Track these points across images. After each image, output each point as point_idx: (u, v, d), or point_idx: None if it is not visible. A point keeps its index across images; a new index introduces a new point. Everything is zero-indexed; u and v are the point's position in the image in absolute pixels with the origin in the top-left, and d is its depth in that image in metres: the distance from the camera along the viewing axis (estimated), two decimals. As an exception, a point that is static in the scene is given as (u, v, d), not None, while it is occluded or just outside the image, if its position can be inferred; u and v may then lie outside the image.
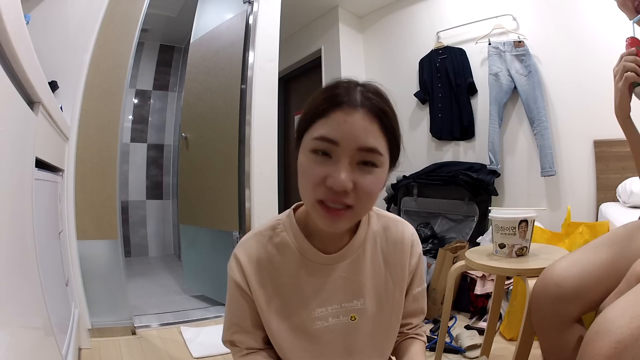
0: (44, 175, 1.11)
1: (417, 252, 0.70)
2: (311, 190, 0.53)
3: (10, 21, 0.58)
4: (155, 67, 3.90)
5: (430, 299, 1.93)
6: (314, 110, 0.54)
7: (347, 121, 0.51)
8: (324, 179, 0.51)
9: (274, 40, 2.24)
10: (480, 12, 2.58)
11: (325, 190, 0.52)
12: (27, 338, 0.70)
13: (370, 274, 0.65)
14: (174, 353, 1.62)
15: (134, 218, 3.74)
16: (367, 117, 0.52)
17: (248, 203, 2.10)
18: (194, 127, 2.47)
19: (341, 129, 0.51)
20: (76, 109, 1.71)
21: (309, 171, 0.53)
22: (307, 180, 0.53)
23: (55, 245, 1.32)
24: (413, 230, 0.71)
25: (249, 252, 0.63)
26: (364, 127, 0.51)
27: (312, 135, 0.53)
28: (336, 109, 0.52)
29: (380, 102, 0.53)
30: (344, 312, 0.64)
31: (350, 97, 0.52)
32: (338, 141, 0.51)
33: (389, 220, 0.70)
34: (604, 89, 2.12)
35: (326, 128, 0.52)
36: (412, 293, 0.71)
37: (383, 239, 0.68)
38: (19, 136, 0.70)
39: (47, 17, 1.61)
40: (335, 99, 0.52)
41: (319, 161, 0.52)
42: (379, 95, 0.54)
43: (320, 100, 0.53)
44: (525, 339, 1.05)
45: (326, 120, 0.52)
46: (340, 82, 0.55)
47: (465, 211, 2.46)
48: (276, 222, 0.66)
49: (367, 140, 0.51)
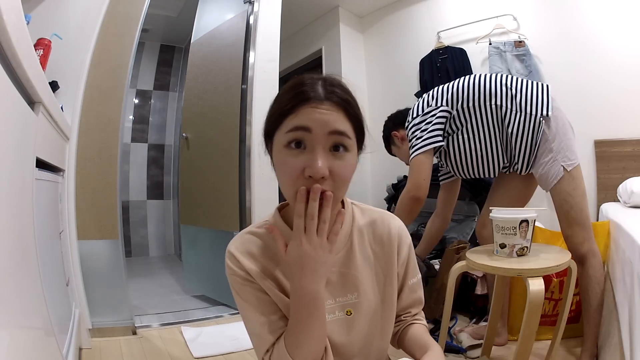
0: (45, 175, 1.11)
1: (407, 243, 0.71)
2: (291, 184, 0.55)
3: (10, 21, 0.58)
4: (156, 67, 3.90)
5: (432, 299, 1.93)
6: (282, 109, 0.57)
7: (315, 111, 0.55)
8: (302, 171, 0.54)
9: (275, 40, 2.24)
10: (480, 12, 2.58)
11: (304, 181, 0.55)
12: (28, 338, 0.70)
13: (361, 267, 0.67)
14: (174, 353, 1.62)
15: (135, 218, 3.74)
16: (333, 107, 0.56)
17: (249, 203, 2.10)
18: (195, 127, 2.47)
19: (311, 117, 0.55)
20: (77, 109, 1.71)
21: (286, 166, 0.56)
22: (286, 175, 0.56)
23: (56, 245, 1.32)
24: (400, 222, 0.72)
25: (240, 248, 0.64)
26: (331, 114, 0.55)
27: (284, 130, 0.56)
28: (304, 104, 0.55)
29: (343, 94, 0.58)
30: (340, 307, 0.65)
31: (316, 92, 0.56)
32: (310, 127, 0.54)
33: (373, 213, 0.71)
34: (604, 89, 2.14)
35: (297, 120, 0.55)
36: (407, 284, 0.72)
37: (370, 232, 0.69)
38: (20, 136, 0.70)
39: (48, 17, 1.61)
40: (302, 96, 0.56)
41: (294, 154, 0.55)
42: (341, 87, 0.59)
43: (287, 99, 0.57)
44: (526, 339, 1.05)
45: (296, 115, 0.55)
46: (304, 79, 0.58)
47: (466, 211, 2.46)
48: (263, 221, 0.68)
49: (336, 124, 0.55)
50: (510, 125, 1.35)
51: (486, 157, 1.43)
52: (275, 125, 0.58)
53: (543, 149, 1.33)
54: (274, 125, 0.59)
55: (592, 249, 1.31)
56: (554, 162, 1.31)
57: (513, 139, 1.36)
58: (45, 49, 1.49)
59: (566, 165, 1.30)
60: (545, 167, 1.33)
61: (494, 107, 1.37)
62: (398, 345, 0.73)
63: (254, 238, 0.66)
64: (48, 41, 1.51)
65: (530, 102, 1.33)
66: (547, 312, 1.60)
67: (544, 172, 1.34)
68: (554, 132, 1.31)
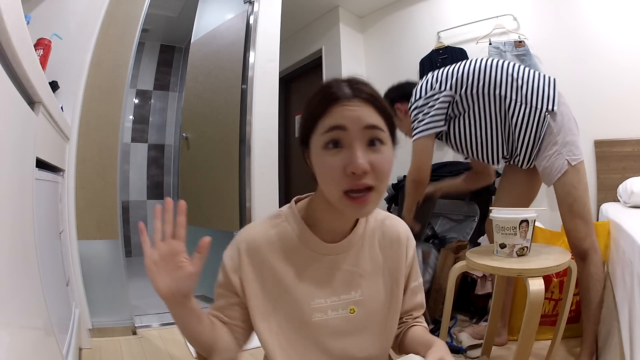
0: (45, 175, 1.11)
1: (413, 246, 0.73)
2: (335, 184, 0.56)
3: (10, 21, 0.58)
4: (156, 67, 3.90)
5: (432, 299, 1.93)
6: (313, 113, 0.58)
7: (347, 108, 0.56)
8: (343, 169, 0.55)
9: (275, 40, 2.24)
10: (480, 12, 2.58)
11: (347, 179, 0.55)
12: (28, 338, 0.70)
13: (369, 267, 0.67)
14: (174, 353, 1.62)
15: (135, 218, 3.73)
16: (362, 103, 0.57)
17: (249, 203, 2.10)
18: (195, 127, 2.47)
19: (344, 114, 0.55)
20: (77, 109, 1.71)
21: (327, 166, 0.56)
22: (328, 176, 0.56)
23: (56, 245, 1.32)
24: (405, 225, 0.74)
25: (247, 238, 0.65)
26: (362, 110, 0.56)
27: (320, 132, 0.57)
28: (334, 104, 0.56)
29: (369, 89, 0.59)
30: (343, 305, 0.65)
31: (343, 91, 0.57)
32: (345, 125, 0.55)
33: (383, 215, 0.73)
34: (604, 89, 2.14)
35: (330, 120, 0.56)
36: (410, 287, 0.73)
37: (380, 234, 0.70)
38: (20, 136, 0.70)
39: (48, 17, 1.61)
40: (330, 97, 0.57)
41: (332, 153, 0.56)
42: (366, 84, 0.59)
43: (316, 103, 0.58)
44: (526, 339, 1.05)
45: (329, 115, 0.56)
46: (329, 82, 0.59)
47: (466, 211, 2.46)
48: (278, 212, 0.68)
49: (369, 119, 0.56)
50: (514, 116, 1.33)
51: (486, 144, 1.42)
52: (310, 130, 0.59)
53: (547, 141, 1.31)
54: (308, 131, 0.59)
55: (593, 245, 1.31)
56: (559, 156, 1.30)
57: (517, 130, 1.34)
58: (45, 49, 1.50)
59: (570, 160, 1.29)
60: (550, 160, 1.32)
61: (497, 97, 1.35)
62: (399, 349, 0.73)
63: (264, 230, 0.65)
64: (48, 41, 1.51)
65: (537, 94, 1.31)
66: (547, 312, 1.60)
67: (548, 165, 1.32)
68: (560, 126, 1.30)
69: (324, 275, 0.64)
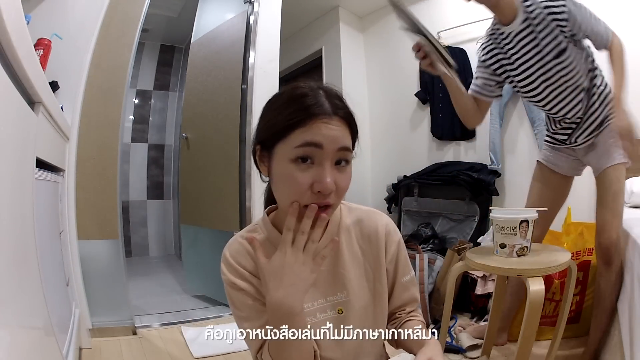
0: (45, 175, 1.11)
1: (395, 240, 0.71)
2: (297, 197, 0.56)
3: (10, 21, 0.58)
4: (156, 67, 3.90)
5: (434, 300, 1.93)
6: (287, 121, 0.57)
7: (327, 127, 0.56)
8: (310, 185, 0.56)
9: (275, 40, 2.24)
10: (481, 12, 2.56)
11: (312, 196, 0.56)
12: (28, 338, 0.70)
13: (349, 266, 0.67)
14: (174, 353, 1.62)
15: (135, 218, 3.73)
16: (340, 122, 0.58)
17: (249, 203, 2.10)
18: (195, 127, 2.47)
19: (323, 133, 0.56)
20: (77, 109, 1.71)
21: (294, 180, 0.56)
22: (292, 190, 0.57)
23: (56, 245, 1.32)
24: (388, 219, 0.72)
25: (235, 253, 0.65)
26: (340, 131, 0.57)
27: (292, 144, 0.56)
28: (314, 118, 0.56)
29: (346, 107, 0.60)
30: (331, 306, 0.66)
31: (322, 105, 0.57)
32: (323, 144, 0.55)
33: (361, 212, 0.72)
34: (604, 89, 2.13)
35: (309, 134, 0.55)
36: (400, 282, 0.71)
37: (357, 231, 0.70)
38: (20, 136, 0.70)
39: (48, 17, 1.61)
40: (309, 110, 0.56)
41: (302, 169, 0.56)
42: (342, 100, 0.61)
43: (292, 111, 0.57)
44: (526, 339, 1.05)
45: (306, 129, 0.56)
46: (304, 90, 0.59)
47: (466, 211, 2.46)
48: (254, 226, 0.70)
49: (344, 140, 0.58)
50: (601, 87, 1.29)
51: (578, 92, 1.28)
52: (277, 137, 0.58)
53: (609, 129, 1.28)
54: (275, 137, 0.58)
55: (619, 244, 1.27)
56: (617, 147, 1.27)
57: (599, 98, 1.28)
58: (45, 49, 1.49)
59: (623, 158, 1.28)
60: (608, 145, 1.29)
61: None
62: (397, 344, 0.73)
63: (244, 243, 0.66)
64: (48, 41, 1.51)
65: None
66: (548, 313, 1.60)
67: (605, 149, 1.30)
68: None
69: None
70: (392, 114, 3.04)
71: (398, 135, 3.00)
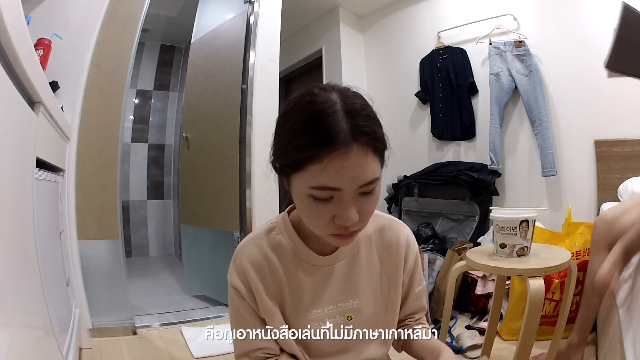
0: (45, 175, 1.11)
1: (414, 252, 0.71)
2: (320, 229, 0.54)
3: (10, 21, 0.58)
4: (156, 67, 3.90)
5: (434, 300, 1.93)
6: (299, 154, 0.49)
7: (344, 167, 0.48)
8: (331, 218, 0.52)
9: (275, 40, 2.24)
10: (481, 12, 2.58)
11: (334, 226, 0.53)
12: (28, 338, 0.70)
13: (366, 274, 0.67)
14: (174, 353, 1.62)
15: (135, 218, 3.74)
16: (361, 151, 0.49)
17: (249, 203, 2.10)
18: (195, 127, 2.47)
19: (340, 175, 0.48)
20: (77, 109, 1.71)
21: (312, 214, 0.53)
22: (310, 222, 0.55)
23: (56, 245, 1.32)
24: (409, 230, 0.72)
25: (248, 256, 0.63)
26: (361, 164, 0.49)
27: (307, 183, 0.50)
28: (330, 152, 0.48)
29: (369, 125, 0.50)
30: (340, 312, 0.65)
31: (340, 134, 0.48)
32: (340, 187, 0.49)
33: (383, 220, 0.70)
34: (604, 89, 2.14)
35: (324, 177, 0.48)
36: (413, 292, 0.72)
37: (378, 239, 0.69)
38: (20, 136, 0.70)
39: (48, 17, 1.61)
40: (325, 140, 0.48)
41: (319, 206, 0.51)
42: (366, 116, 0.51)
43: (304, 142, 0.49)
44: (526, 339, 1.05)
45: (321, 167, 0.48)
46: (319, 110, 0.49)
47: (466, 211, 2.46)
48: (272, 225, 0.66)
49: (366, 176, 0.50)
50: None
51: None
52: (295, 166, 0.51)
53: None
54: (291, 166, 0.51)
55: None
56: None
57: None
58: (45, 49, 1.49)
59: None
60: None
61: None
62: (403, 349, 0.73)
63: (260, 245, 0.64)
64: (48, 41, 1.51)
65: None
66: (548, 313, 1.60)
67: None
68: None
69: (320, 287, 0.64)
70: (392, 114, 3.03)
71: (398, 135, 3.00)
